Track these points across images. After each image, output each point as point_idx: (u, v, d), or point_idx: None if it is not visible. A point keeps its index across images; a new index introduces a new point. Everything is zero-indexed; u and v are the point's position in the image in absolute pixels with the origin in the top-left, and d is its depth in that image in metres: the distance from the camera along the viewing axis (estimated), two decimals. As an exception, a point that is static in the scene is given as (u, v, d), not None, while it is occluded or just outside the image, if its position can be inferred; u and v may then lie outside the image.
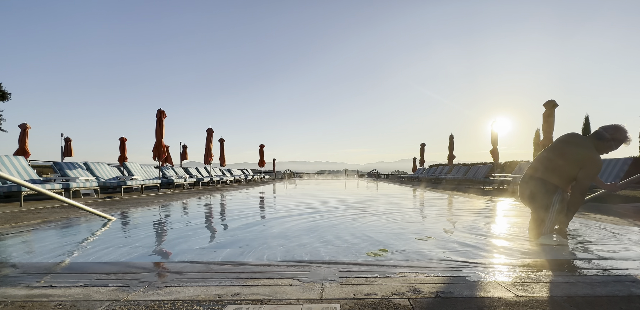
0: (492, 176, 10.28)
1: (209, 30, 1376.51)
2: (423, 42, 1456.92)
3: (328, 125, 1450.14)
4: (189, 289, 1.52)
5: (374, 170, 28.42)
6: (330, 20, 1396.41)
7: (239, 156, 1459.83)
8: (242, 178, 16.55)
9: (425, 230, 3.10)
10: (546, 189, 2.54)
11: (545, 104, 7.93)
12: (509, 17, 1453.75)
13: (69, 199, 3.61)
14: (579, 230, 3.07)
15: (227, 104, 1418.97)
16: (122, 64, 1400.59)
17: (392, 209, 4.83)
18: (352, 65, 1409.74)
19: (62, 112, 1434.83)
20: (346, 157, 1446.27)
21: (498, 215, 4.16)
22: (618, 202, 5.12)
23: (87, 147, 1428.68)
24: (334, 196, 7.58)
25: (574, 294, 1.43)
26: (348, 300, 1.38)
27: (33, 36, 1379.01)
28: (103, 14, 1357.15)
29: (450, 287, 1.53)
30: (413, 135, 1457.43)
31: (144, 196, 7.06)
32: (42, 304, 1.35)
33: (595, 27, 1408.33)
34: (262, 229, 3.30)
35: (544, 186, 2.55)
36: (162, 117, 10.06)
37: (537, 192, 2.58)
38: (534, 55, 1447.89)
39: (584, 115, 15.51)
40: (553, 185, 2.53)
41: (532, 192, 2.62)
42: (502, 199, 6.32)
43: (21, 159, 6.14)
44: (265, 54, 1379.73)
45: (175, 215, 4.43)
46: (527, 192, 2.67)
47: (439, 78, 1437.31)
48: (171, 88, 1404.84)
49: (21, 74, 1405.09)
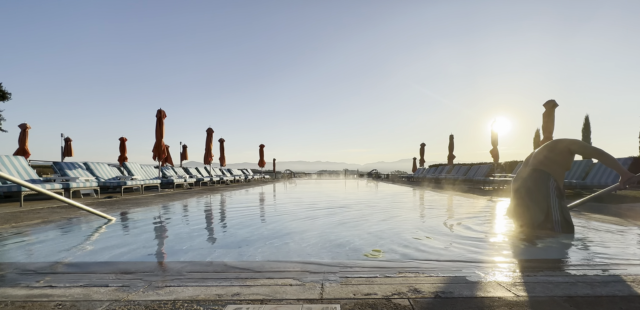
0: (492, 176, 10.27)
1: (209, 30, 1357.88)
2: (422, 42, 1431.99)
3: (328, 125, 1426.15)
4: (189, 289, 1.52)
5: (374, 170, 28.41)
6: (329, 19, 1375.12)
7: (239, 156, 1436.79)
8: (242, 178, 16.56)
9: (425, 230, 3.10)
10: (541, 177, 2.87)
11: (545, 103, 7.93)
12: (508, 17, 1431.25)
13: (69, 199, 3.60)
14: (579, 230, 3.07)
15: (227, 103, 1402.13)
16: (122, 64, 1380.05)
17: (392, 209, 4.83)
18: (351, 64, 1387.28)
19: (62, 111, 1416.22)
20: (346, 157, 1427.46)
21: (498, 215, 4.15)
22: (618, 202, 5.12)
23: (87, 147, 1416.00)
24: (334, 196, 7.58)
25: (574, 294, 1.43)
26: (348, 300, 1.38)
27: (33, 36, 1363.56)
28: (103, 13, 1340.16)
29: (450, 287, 1.53)
30: (413, 135, 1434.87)
31: (144, 196, 7.06)
32: (42, 304, 1.35)
33: (595, 27, 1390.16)
34: (262, 229, 3.30)
35: (539, 174, 2.89)
36: (162, 117, 10.06)
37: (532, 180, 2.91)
38: (534, 54, 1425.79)
39: (584, 115, 15.54)
40: (545, 172, 2.86)
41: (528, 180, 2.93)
42: (502, 198, 6.32)
43: (21, 159, 6.14)
44: (265, 53, 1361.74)
45: (175, 215, 4.43)
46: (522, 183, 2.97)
47: (439, 78, 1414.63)
48: (171, 88, 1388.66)
49: (21, 73, 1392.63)
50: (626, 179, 2.75)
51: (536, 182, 2.86)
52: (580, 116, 52.20)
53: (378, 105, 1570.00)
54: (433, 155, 26.92)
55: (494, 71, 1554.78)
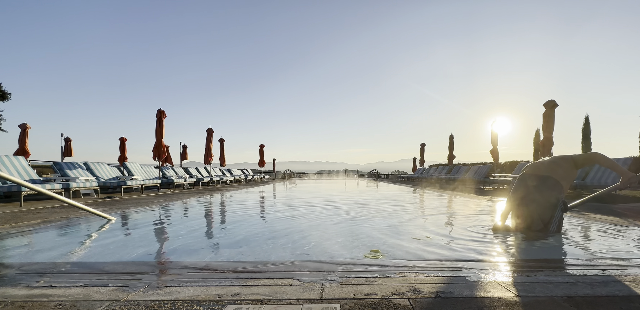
0: (492, 176, 10.27)
1: (209, 30, 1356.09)
2: (422, 42, 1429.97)
3: (328, 125, 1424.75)
4: (189, 289, 1.52)
5: (374, 170, 28.41)
6: (330, 20, 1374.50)
7: (239, 156, 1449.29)
8: (242, 178, 16.55)
9: (425, 230, 3.10)
10: (553, 187, 2.83)
11: (545, 103, 7.93)
12: (509, 17, 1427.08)
13: (69, 199, 3.60)
14: (580, 230, 3.07)
15: (227, 104, 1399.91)
16: (122, 64, 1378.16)
17: (391, 209, 4.83)
18: (352, 65, 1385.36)
19: (62, 112, 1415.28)
20: (346, 157, 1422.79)
21: (498, 215, 4.15)
22: (618, 202, 5.12)
23: (87, 147, 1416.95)
24: (333, 196, 7.58)
25: (574, 294, 1.43)
26: (348, 300, 1.37)
27: (33, 36, 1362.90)
28: (103, 13, 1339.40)
29: (450, 287, 1.53)
30: (413, 135, 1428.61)
31: (144, 196, 7.06)
32: (42, 304, 1.35)
33: (595, 27, 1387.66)
34: (262, 229, 3.30)
35: (552, 184, 2.84)
36: (162, 117, 10.06)
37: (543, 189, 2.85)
38: (534, 54, 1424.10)
39: (584, 115, 15.52)
40: (560, 184, 2.83)
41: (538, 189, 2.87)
42: (502, 198, 6.32)
43: (21, 159, 6.14)
44: (265, 53, 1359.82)
45: (175, 215, 4.43)
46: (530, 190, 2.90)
47: (439, 78, 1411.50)
48: (171, 88, 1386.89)
49: (21, 74, 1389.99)
50: (627, 178, 2.75)
51: (546, 191, 2.84)
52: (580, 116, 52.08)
53: (378, 105, 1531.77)
54: (433, 155, 26.90)
55: (494, 71, 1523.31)
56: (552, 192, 2.82)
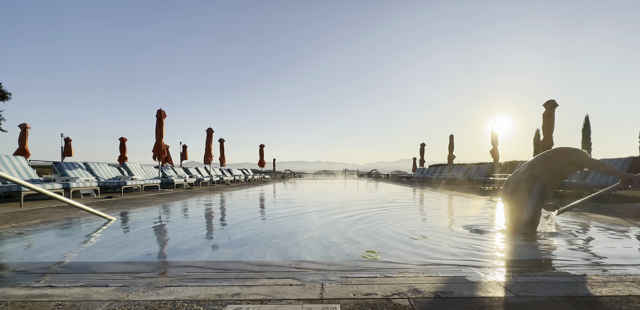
0: (492, 176, 10.27)
1: (209, 30, 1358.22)
2: (422, 42, 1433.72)
3: (328, 125, 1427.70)
4: (189, 289, 1.52)
5: (374, 170, 28.41)
6: (330, 20, 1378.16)
7: (239, 156, 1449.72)
8: (242, 178, 16.55)
9: (425, 230, 3.10)
10: (529, 179, 2.79)
11: (545, 103, 7.92)
12: (509, 17, 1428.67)
13: (69, 199, 3.60)
14: (580, 230, 3.07)
15: (227, 104, 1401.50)
16: (122, 64, 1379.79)
17: (392, 209, 4.83)
18: (352, 65, 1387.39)
19: (62, 112, 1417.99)
20: (346, 157, 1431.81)
21: (497, 215, 4.15)
22: (618, 202, 5.12)
23: (87, 147, 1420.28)
24: (333, 196, 7.58)
25: (574, 294, 1.43)
26: (348, 300, 1.37)
27: (33, 36, 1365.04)
28: (103, 14, 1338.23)
29: (450, 287, 1.53)
30: (413, 135, 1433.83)
31: (144, 196, 7.06)
32: (42, 304, 1.35)
33: (595, 27, 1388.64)
34: (262, 229, 3.30)
35: (528, 176, 2.81)
36: (162, 117, 10.07)
37: (520, 181, 2.83)
38: (534, 55, 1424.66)
39: (584, 115, 15.51)
40: (535, 176, 2.78)
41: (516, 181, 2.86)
42: (502, 199, 6.32)
43: (21, 159, 6.14)
44: (265, 54, 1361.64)
45: (175, 215, 4.43)
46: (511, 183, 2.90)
47: (439, 78, 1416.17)
48: (171, 88, 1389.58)
49: (21, 74, 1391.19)
50: (626, 180, 2.75)
51: (522, 184, 2.81)
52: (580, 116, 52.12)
53: (378, 105, 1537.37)
54: (433, 155, 26.88)
55: (494, 71, 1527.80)
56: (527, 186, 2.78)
